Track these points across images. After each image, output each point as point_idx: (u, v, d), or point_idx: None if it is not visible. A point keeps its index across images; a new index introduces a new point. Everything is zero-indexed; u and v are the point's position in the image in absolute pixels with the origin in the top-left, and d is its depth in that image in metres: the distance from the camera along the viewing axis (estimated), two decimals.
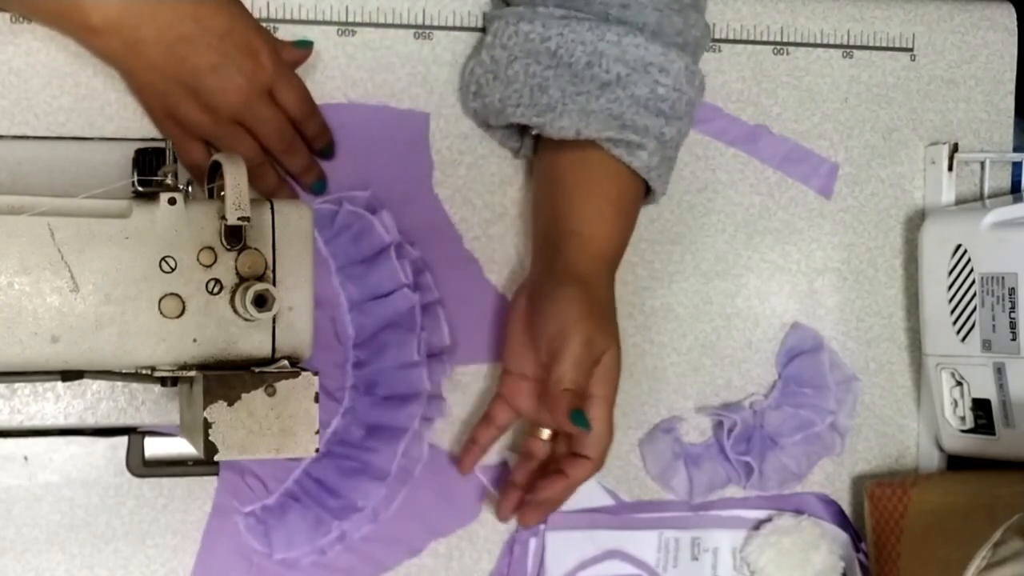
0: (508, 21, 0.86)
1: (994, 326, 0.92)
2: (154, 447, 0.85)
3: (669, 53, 0.84)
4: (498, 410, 0.89)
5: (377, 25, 0.90)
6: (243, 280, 0.71)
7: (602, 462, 0.85)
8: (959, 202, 1.00)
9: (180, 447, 0.84)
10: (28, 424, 0.82)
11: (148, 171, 0.71)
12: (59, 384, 0.81)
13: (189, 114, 0.80)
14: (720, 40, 0.97)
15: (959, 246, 0.94)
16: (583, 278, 0.83)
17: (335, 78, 0.89)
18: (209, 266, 0.71)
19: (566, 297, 0.82)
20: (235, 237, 0.71)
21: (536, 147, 0.91)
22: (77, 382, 0.79)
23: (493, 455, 0.92)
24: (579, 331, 0.81)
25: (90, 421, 0.83)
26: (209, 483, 0.87)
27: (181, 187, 0.71)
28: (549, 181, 0.88)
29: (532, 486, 0.87)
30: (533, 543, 0.93)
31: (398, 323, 0.88)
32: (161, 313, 0.70)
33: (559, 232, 0.85)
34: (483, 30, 0.91)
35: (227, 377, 0.69)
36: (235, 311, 0.71)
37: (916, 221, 1.01)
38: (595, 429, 0.83)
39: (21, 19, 0.83)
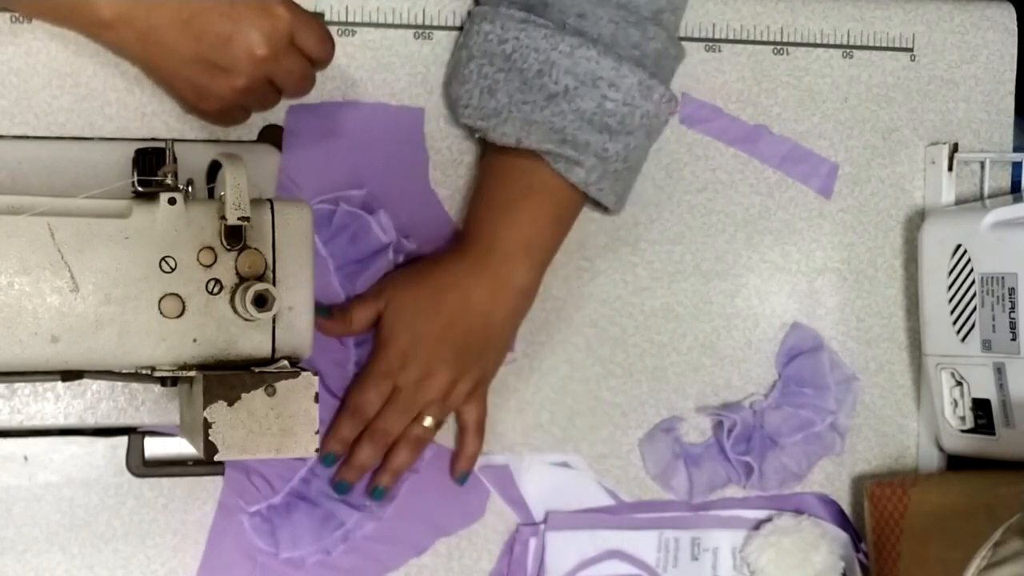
0: (473, 20, 0.86)
1: (994, 326, 0.92)
2: (154, 447, 0.85)
3: (621, 68, 0.83)
4: None
5: (377, 25, 0.90)
6: (243, 280, 0.71)
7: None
8: (959, 202, 1.00)
9: (180, 447, 0.84)
10: (28, 424, 0.82)
11: (148, 171, 0.71)
12: (59, 384, 0.81)
13: (222, 90, 0.78)
14: (720, 40, 0.97)
15: (959, 246, 0.94)
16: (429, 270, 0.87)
17: (335, 78, 0.89)
18: (209, 266, 0.71)
19: None
20: (235, 237, 0.71)
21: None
22: (77, 382, 0.79)
23: (497, 456, 0.92)
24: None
25: (90, 421, 0.83)
26: (210, 483, 0.87)
27: (181, 187, 0.71)
28: (478, 179, 0.90)
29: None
30: (533, 543, 0.93)
31: None
32: (161, 313, 0.70)
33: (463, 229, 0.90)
34: None
35: (227, 377, 0.69)
36: (235, 311, 0.71)
37: (916, 221, 1.01)
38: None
39: (21, 19, 0.83)
